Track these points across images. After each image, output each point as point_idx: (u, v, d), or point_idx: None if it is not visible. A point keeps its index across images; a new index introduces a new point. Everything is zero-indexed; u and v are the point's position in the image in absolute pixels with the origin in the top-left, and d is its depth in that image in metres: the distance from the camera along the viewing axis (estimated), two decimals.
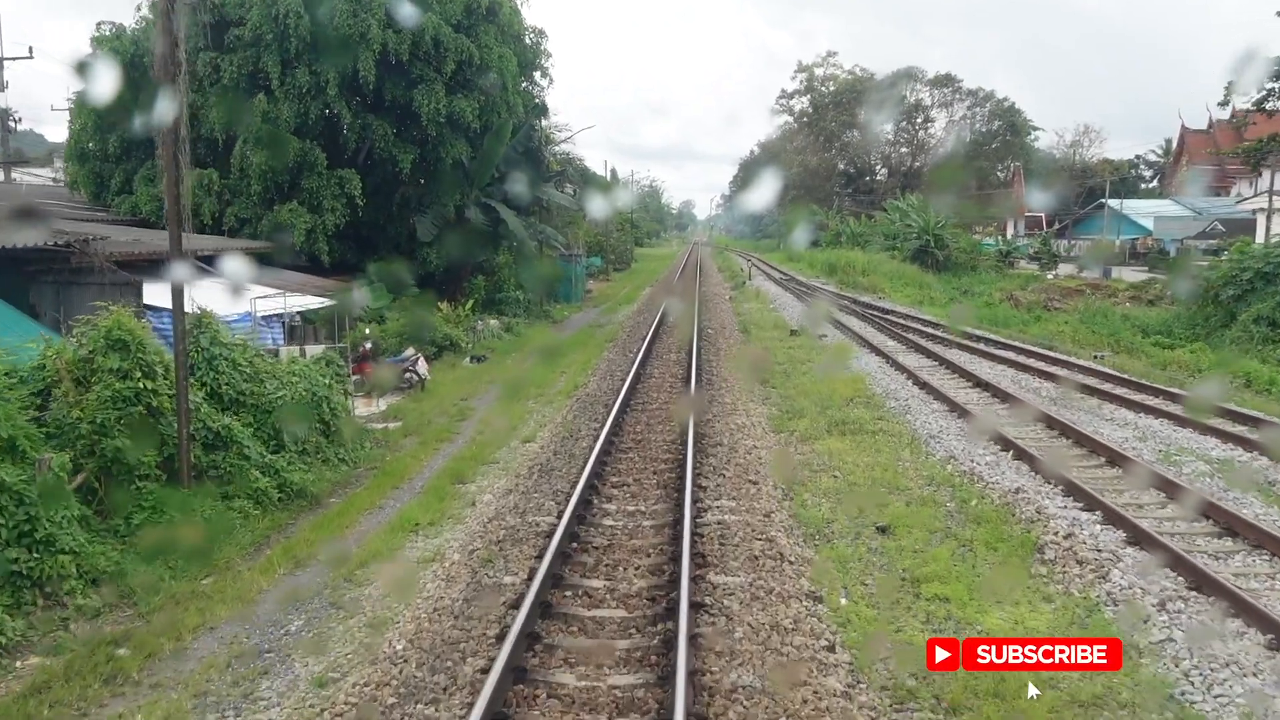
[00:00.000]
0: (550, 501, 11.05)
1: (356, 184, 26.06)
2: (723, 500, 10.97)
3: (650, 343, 24.04)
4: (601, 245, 55.69)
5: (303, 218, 25.34)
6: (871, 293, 41.18)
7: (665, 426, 15.01)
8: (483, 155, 28.98)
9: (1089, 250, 61.73)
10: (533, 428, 15.66)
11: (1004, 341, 24.76)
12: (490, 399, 18.53)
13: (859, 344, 24.46)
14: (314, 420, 13.20)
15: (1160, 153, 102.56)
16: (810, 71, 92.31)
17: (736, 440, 13.94)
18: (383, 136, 26.72)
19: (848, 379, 19.18)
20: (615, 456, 13.03)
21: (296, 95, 25.72)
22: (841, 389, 17.96)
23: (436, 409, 17.63)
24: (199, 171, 25.62)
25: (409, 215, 28.77)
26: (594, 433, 14.35)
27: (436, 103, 26.35)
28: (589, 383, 19.52)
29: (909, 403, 16.92)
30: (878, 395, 17.67)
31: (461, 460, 13.70)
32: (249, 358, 12.87)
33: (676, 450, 13.27)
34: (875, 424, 15.30)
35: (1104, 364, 22.00)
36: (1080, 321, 32.50)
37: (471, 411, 17.41)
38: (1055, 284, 49.71)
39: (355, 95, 26.87)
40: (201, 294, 17.45)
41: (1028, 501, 11.05)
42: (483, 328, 26.19)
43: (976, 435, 14.49)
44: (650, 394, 17.79)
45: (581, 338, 26.83)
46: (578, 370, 21.28)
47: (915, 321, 29.79)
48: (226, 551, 10.08)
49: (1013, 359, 21.97)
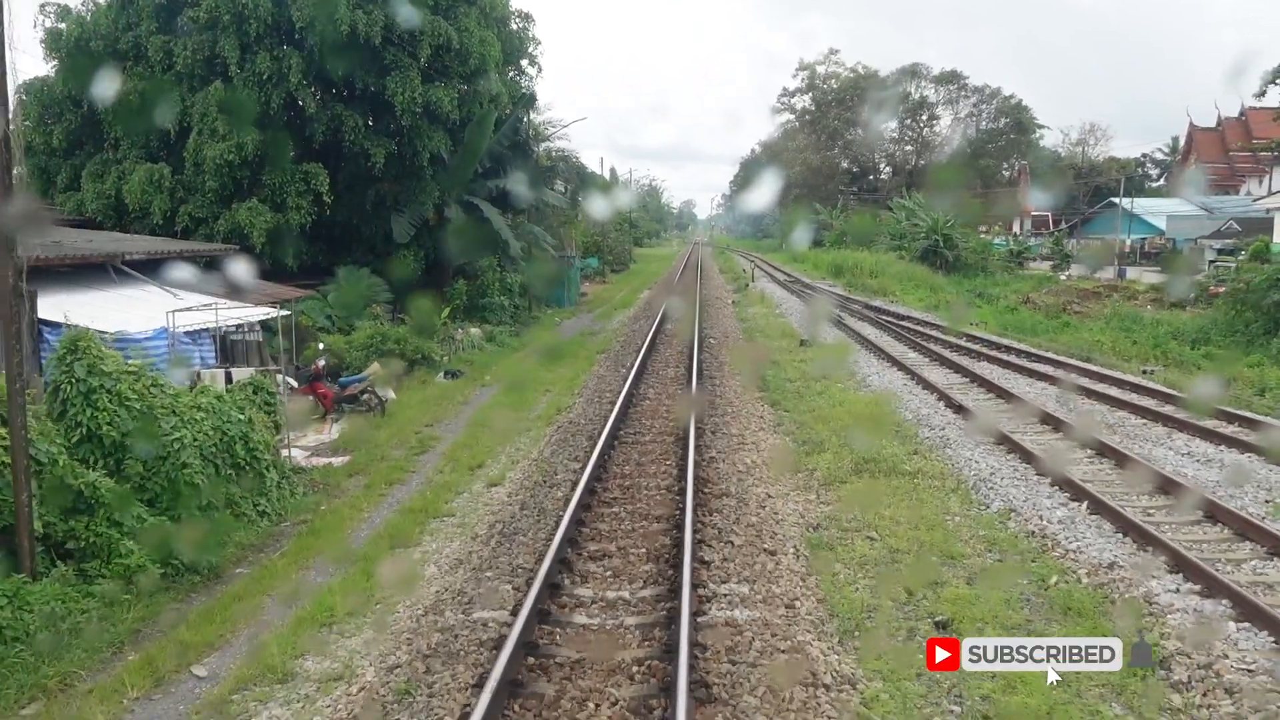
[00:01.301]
0: (507, 584, 8.38)
1: (324, 180, 23.40)
2: (731, 583, 8.30)
3: (646, 354, 21.38)
4: (598, 246, 53.03)
5: (264, 217, 22.67)
6: (882, 296, 38.50)
7: (660, 466, 12.34)
8: (464, 149, 26.34)
9: (1089, 251, 59.06)
10: (502, 466, 13.00)
11: (1037, 353, 22.05)
12: (459, 425, 15.87)
13: (877, 356, 21.78)
14: (226, 466, 10.55)
15: (1167, 151, 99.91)
16: (812, 69, 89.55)
17: (746, 487, 11.27)
18: (353, 128, 24.05)
19: (870, 400, 16.52)
20: (596, 512, 10.37)
21: (257, 83, 23.04)
22: (864, 413, 15.31)
23: (395, 438, 14.97)
24: (149, 166, 23.07)
25: (385, 214, 26.12)
26: (573, 476, 11.70)
27: (412, 91, 23.67)
28: (574, 405, 16.86)
29: (945, 432, 14.24)
30: (908, 422, 15.00)
31: (409, 513, 11.04)
32: (142, 389, 10.21)
33: (673, 502, 10.61)
34: (910, 461, 12.63)
35: (1155, 379, 19.34)
36: (1109, 327, 29.87)
37: (435, 442, 14.75)
38: (1071, 286, 47.08)
39: (322, 83, 24.24)
40: (115, 305, 14.86)
41: (1127, 582, 8.40)
42: (462, 337, 23.54)
43: (1035, 478, 11.83)
44: (643, 420, 15.13)
45: (571, 348, 24.18)
46: (563, 388, 18.62)
47: (933, 328, 27.12)
48: (70, 660, 7.44)
49: (1051, 374, 19.31)
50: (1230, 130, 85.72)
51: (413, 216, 25.96)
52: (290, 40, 23.60)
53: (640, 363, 19.98)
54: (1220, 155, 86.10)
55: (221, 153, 22.22)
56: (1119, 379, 18.54)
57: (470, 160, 26.64)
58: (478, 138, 26.12)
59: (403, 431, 15.39)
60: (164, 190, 22.86)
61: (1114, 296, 42.91)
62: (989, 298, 40.61)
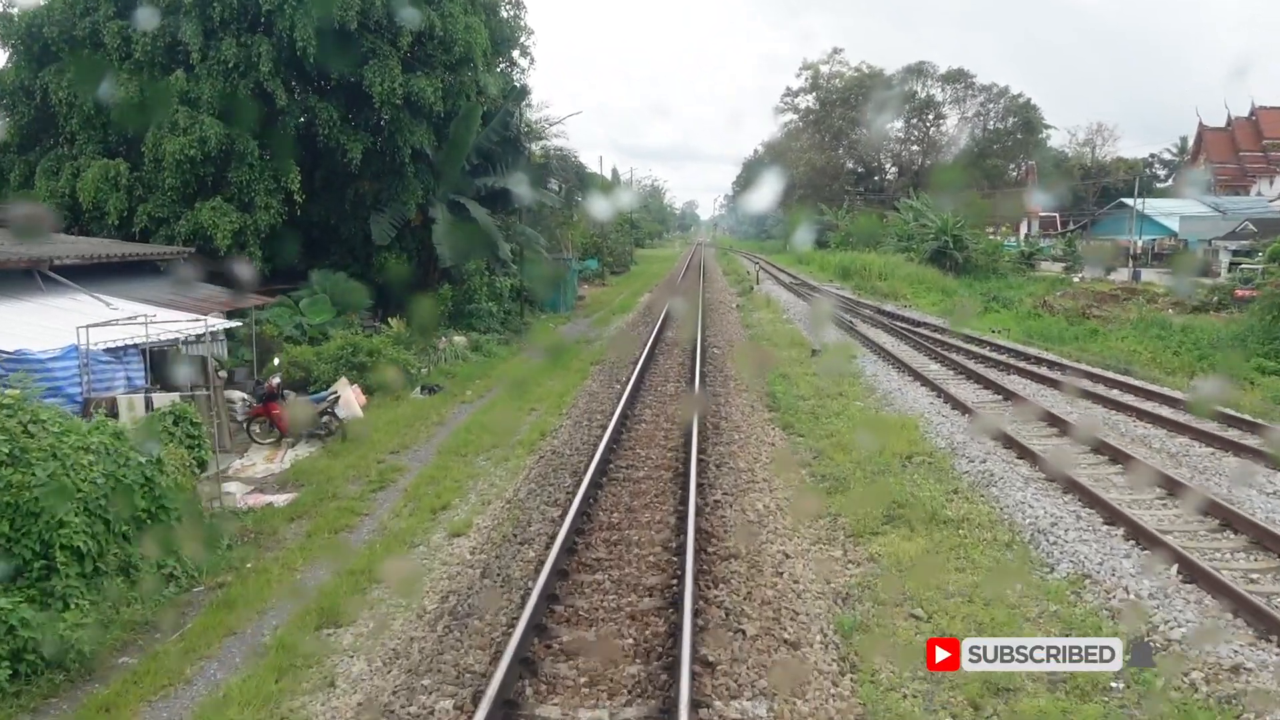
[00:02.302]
0: (448, 699, 6.31)
1: (295, 177, 21.32)
2: (744, 699, 6.23)
3: (644, 367, 19.32)
4: (598, 247, 50.96)
5: (228, 217, 20.62)
6: (893, 299, 36.41)
7: (655, 512, 10.27)
8: (450, 145, 24.27)
9: (1092, 251, 56.92)
10: (470, 508, 10.93)
11: (1071, 365, 19.95)
12: (429, 452, 13.80)
13: (897, 369, 19.70)
14: (121, 521, 8.50)
15: (1175, 151, 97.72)
16: (816, 69, 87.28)
17: (759, 545, 9.20)
18: (328, 121, 21.96)
19: (894, 423, 14.43)
20: (575, 581, 8.30)
21: (222, 72, 20.96)
22: (890, 440, 13.22)
23: (354, 468, 12.91)
24: (104, 162, 21.02)
25: (365, 214, 24.06)
26: (550, 527, 9.65)
27: (391, 82, 21.58)
28: (560, 427, 14.79)
29: (988, 465, 12.15)
30: (941, 451, 12.92)
31: (351, 575, 8.98)
32: (17, 425, 8.18)
33: (670, 566, 8.55)
34: (951, 504, 10.56)
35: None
36: (1139, 334, 27.76)
37: (398, 474, 12.69)
38: (1087, 288, 44.98)
39: (294, 73, 22.15)
40: (32, 318, 12.83)
41: (1265, 694, 6.34)
42: (445, 347, 21.48)
43: (1104, 528, 9.76)
44: (637, 449, 13.05)
45: (563, 358, 22.11)
46: (551, 406, 16.56)
47: (952, 335, 25.03)
48: None
49: (1090, 389, 17.22)
50: (1240, 130, 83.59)
51: (394, 216, 23.88)
52: (259, 26, 21.54)
53: (637, 376, 17.93)
54: (1230, 155, 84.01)
55: (182, 147, 20.16)
56: (1168, 395, 16.45)
57: (456, 156, 24.57)
58: (464, 132, 24.05)
59: (364, 460, 13.32)
60: (120, 188, 20.80)
61: (1132, 299, 40.93)
62: (1004, 301, 38.52)
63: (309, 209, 23.82)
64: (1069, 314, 35.81)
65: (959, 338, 24.73)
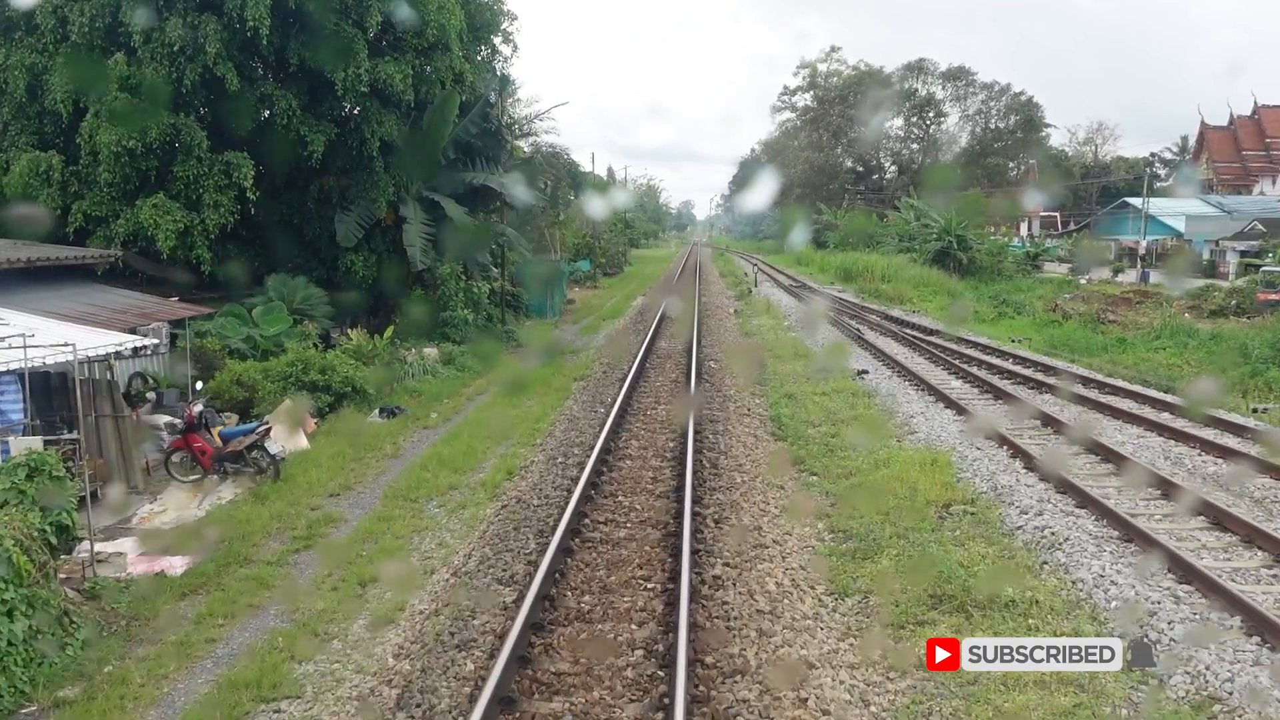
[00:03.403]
0: None
1: (248, 171, 18.96)
2: None
3: (633, 383, 17.03)
4: (591, 247, 48.62)
5: (172, 216, 18.30)
6: (899, 303, 34.10)
7: (638, 594, 7.92)
8: (423, 137, 21.94)
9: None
10: (406, 581, 8.60)
11: (1109, 382, 17.65)
12: (374, 495, 11.48)
13: (915, 387, 17.40)
14: None
15: (1175, 151, 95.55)
16: (813, 67, 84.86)
17: (774, 650, 6.88)
18: (286, 110, 19.63)
19: (922, 458, 12.11)
20: (523, 713, 5.98)
21: (167, 55, 18.57)
22: (921, 482, 10.93)
23: (281, 519, 10.58)
24: (34, 155, 18.69)
25: (331, 213, 21.73)
26: (500, 622, 7.32)
27: (356, 67, 19.24)
28: (532, 463, 12.47)
29: (1045, 518, 9.84)
30: (984, 497, 10.62)
31: (235, 689, 6.67)
32: None
33: (653, 689, 6.24)
34: (1008, 573, 8.27)
35: (1268, 419, 15.02)
36: (1167, 342, 25.56)
37: (331, 526, 10.38)
38: (1097, 291, 42.75)
39: (248, 57, 19.83)
40: None
41: None
42: (414, 360, 19.13)
43: (1216, 615, 7.47)
44: (620, 496, 10.73)
45: (545, 373, 19.78)
46: (524, 434, 14.24)
47: (969, 345, 22.76)
48: None
49: (1136, 412, 14.94)
50: (1243, 128, 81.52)
51: (362, 216, 21.55)
52: (208, 6, 19.17)
53: (624, 396, 15.62)
54: (1233, 154, 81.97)
55: (119, 138, 17.84)
56: (1231, 422, 14.16)
57: (431, 150, 22.24)
58: (439, 123, 21.71)
59: (296, 506, 11.00)
60: (53, 183, 18.48)
61: (1145, 302, 38.77)
62: (1014, 305, 36.29)
63: (270, 207, 21.54)
64: (1084, 318, 33.65)
65: (976, 347, 22.47)
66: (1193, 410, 14.67)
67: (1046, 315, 31.27)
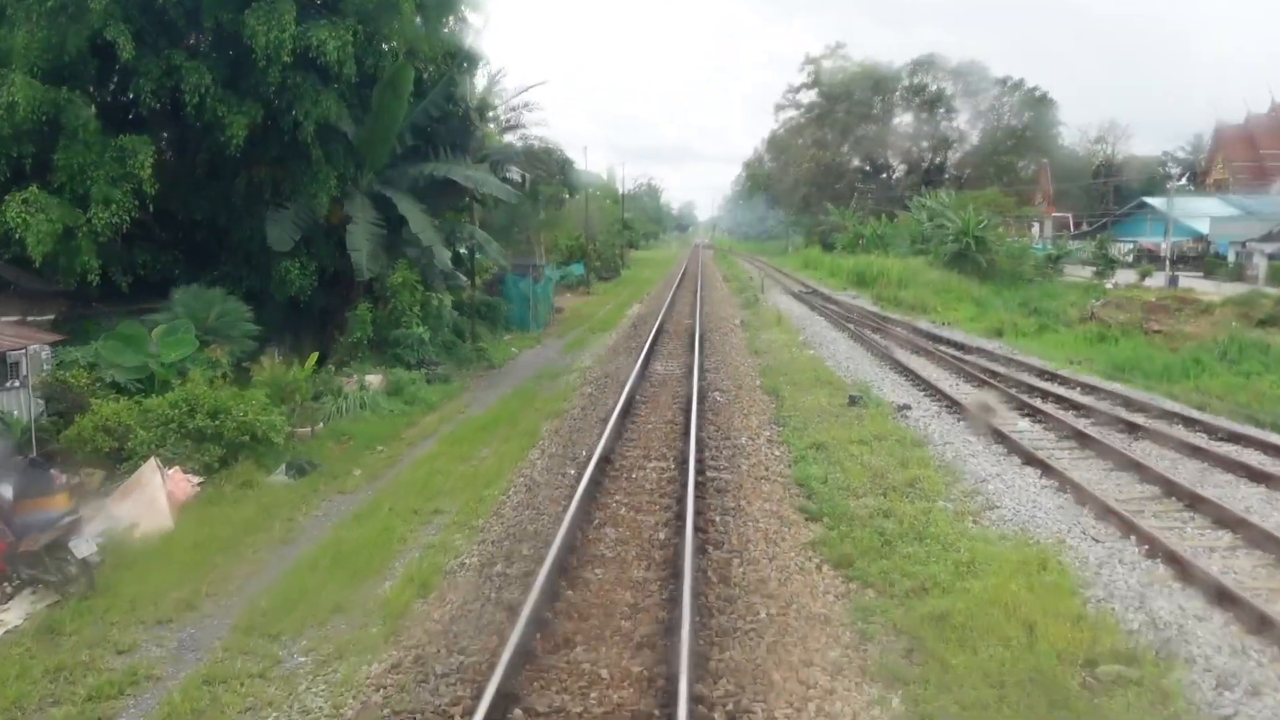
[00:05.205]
0: None
1: (146, 159, 15.08)
2: None
3: (617, 426, 13.18)
4: (584, 250, 44.74)
5: (48, 214, 14.46)
6: (922, 313, 30.23)
7: None
8: (372, 119, 18.11)
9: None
10: None
11: (1217, 425, 13.72)
12: (222, 624, 7.63)
13: (974, 431, 13.51)
14: None
15: (1189, 149, 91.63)
16: (818, 64, 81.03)
17: None
18: (197, 86, 15.74)
19: (1024, 559, 8.20)
20: None
21: (44, 14, 14.81)
22: (1036, 612, 7.06)
23: (64, 672, 6.77)
24: None
25: (263, 211, 17.88)
26: None
27: (280, 30, 15.40)
28: (465, 565, 8.60)
29: (1253, 681, 6.00)
30: (1141, 641, 6.75)
31: None
32: None
33: None
34: None
35: None
36: (1224, 356, 21.71)
37: (129, 693, 6.55)
38: (1130, 297, 38.89)
39: (148, 20, 15.97)
40: None
41: None
42: (352, 392, 15.28)
43: None
44: (579, 648, 6.85)
45: (512, 406, 15.94)
46: (469, 501, 10.39)
47: (1021, 369, 18.91)
48: None
49: (1271, 470, 11.10)
50: (1259, 127, 77.87)
51: (300, 215, 17.68)
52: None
53: (605, 447, 11.76)
54: (1249, 153, 78.24)
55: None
56: None
57: (383, 135, 18.39)
58: (390, 103, 17.84)
59: (96, 648, 7.16)
60: None
61: (1184, 309, 34.96)
62: (1047, 314, 32.37)
63: (190, 204, 17.75)
64: (1125, 329, 29.87)
65: (1029, 370, 18.60)
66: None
67: (1089, 327, 27.34)
